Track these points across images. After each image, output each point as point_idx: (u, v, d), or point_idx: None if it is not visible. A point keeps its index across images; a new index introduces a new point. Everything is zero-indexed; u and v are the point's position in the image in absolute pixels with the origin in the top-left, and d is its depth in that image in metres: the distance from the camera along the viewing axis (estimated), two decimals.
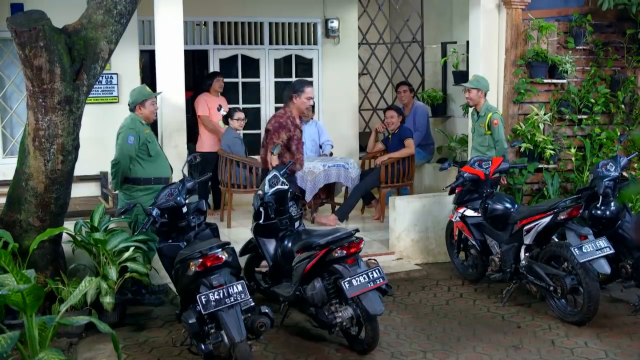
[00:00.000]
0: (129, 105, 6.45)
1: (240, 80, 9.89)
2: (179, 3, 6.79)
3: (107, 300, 5.40)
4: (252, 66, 9.94)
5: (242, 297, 4.66)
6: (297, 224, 5.95)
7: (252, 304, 4.75)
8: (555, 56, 7.98)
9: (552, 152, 7.85)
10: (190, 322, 4.71)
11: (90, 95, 5.57)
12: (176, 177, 6.42)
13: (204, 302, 4.59)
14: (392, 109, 9.07)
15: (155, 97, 6.48)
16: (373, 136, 9.35)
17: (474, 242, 6.61)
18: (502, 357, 5.10)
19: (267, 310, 4.80)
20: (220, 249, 4.86)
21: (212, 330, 4.71)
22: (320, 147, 9.31)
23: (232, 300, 4.62)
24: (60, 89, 5.04)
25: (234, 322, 4.55)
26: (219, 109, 9.08)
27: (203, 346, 4.71)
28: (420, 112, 9.59)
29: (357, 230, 5.27)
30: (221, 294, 4.62)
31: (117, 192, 6.58)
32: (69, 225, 5.76)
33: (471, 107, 7.32)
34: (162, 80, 6.85)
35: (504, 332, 5.57)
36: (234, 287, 4.68)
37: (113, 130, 6.47)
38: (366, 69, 11.46)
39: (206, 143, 8.97)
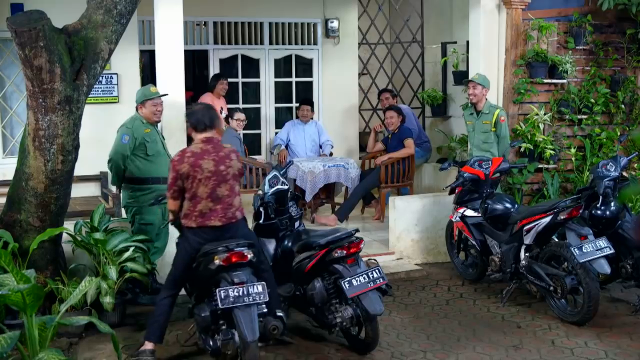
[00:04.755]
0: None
1: (240, 80, 9.89)
2: (179, 3, 6.78)
3: (107, 300, 5.39)
4: (252, 66, 9.94)
5: (261, 298, 4.61)
6: (297, 224, 5.94)
7: (266, 309, 4.71)
8: (555, 56, 7.98)
9: (552, 152, 7.85)
10: (202, 315, 4.69)
11: (90, 95, 5.57)
12: None
13: (222, 297, 4.53)
14: (392, 109, 9.05)
15: (158, 97, 6.42)
16: (373, 136, 9.35)
17: (474, 242, 6.61)
18: (502, 357, 5.10)
19: (282, 314, 4.78)
20: (246, 248, 4.78)
21: (224, 327, 4.67)
22: (320, 147, 9.31)
23: (250, 299, 4.57)
24: (60, 89, 5.03)
25: (248, 321, 4.51)
26: (220, 111, 9.08)
27: (211, 341, 4.69)
28: (407, 113, 9.57)
29: (357, 230, 5.26)
30: (241, 292, 4.57)
31: (115, 190, 6.58)
32: (69, 225, 5.76)
33: (472, 104, 7.30)
34: (162, 80, 6.83)
35: (504, 332, 5.57)
36: (255, 287, 4.62)
37: (113, 130, 6.45)
38: (366, 69, 11.46)
39: None
